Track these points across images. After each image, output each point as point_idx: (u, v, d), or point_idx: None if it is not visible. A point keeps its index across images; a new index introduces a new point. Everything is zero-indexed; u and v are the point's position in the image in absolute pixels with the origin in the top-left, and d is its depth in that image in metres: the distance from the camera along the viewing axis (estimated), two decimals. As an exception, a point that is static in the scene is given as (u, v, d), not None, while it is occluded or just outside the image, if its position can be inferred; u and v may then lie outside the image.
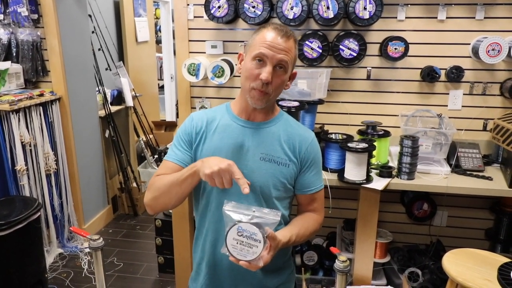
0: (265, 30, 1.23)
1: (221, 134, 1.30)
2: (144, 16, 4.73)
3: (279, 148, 1.29)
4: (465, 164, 2.08)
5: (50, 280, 2.73)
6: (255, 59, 1.21)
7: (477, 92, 2.29)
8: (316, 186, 1.36)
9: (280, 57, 1.20)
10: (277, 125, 1.33)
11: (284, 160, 1.29)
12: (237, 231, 1.05)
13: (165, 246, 2.80)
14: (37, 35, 2.83)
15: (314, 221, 1.35)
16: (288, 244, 1.21)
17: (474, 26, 2.20)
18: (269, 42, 1.19)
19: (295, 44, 1.25)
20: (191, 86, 2.52)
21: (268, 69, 1.19)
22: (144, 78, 4.78)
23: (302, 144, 1.32)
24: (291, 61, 1.24)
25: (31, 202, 2.51)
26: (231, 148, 1.28)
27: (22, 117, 2.67)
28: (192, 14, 2.41)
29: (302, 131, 1.36)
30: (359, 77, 2.36)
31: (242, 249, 1.06)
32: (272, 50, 1.19)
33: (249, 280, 1.33)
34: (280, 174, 1.28)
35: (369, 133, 2.10)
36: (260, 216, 1.07)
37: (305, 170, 1.33)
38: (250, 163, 1.27)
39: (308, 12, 2.17)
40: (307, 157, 1.32)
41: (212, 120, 1.33)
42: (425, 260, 2.28)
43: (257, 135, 1.29)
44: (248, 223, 1.05)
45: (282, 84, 1.25)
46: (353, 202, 2.36)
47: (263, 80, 1.19)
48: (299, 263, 2.38)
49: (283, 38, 1.20)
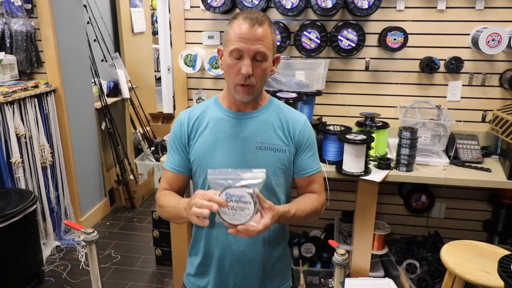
0: (236, 21, 1.19)
1: (214, 129, 1.29)
2: (140, 6, 4.67)
3: (274, 134, 1.29)
4: (464, 156, 2.07)
5: (47, 272, 2.72)
6: (231, 54, 1.19)
7: (476, 83, 2.27)
8: (313, 168, 1.35)
9: (256, 47, 1.17)
10: (268, 112, 1.32)
11: (280, 146, 1.28)
12: (225, 197, 1.04)
13: (162, 239, 2.79)
14: (31, 26, 2.79)
15: (314, 200, 1.34)
16: (288, 215, 1.21)
17: (474, 16, 2.18)
18: (242, 34, 1.16)
19: (270, 28, 1.21)
20: (187, 77, 2.50)
21: (247, 62, 1.17)
22: (140, 69, 4.74)
23: (295, 127, 1.31)
24: (269, 47, 1.20)
25: (26, 195, 2.50)
26: (226, 141, 1.27)
27: (17, 109, 2.64)
28: (189, 4, 2.37)
29: (294, 115, 1.35)
30: (357, 68, 2.33)
31: (235, 213, 1.05)
32: (246, 43, 1.16)
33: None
34: (277, 161, 1.28)
35: (367, 125, 2.08)
36: (246, 178, 1.06)
37: (301, 152, 1.33)
38: (247, 154, 1.26)
39: (306, 2, 2.14)
40: (302, 140, 1.32)
41: (202, 116, 1.32)
42: (423, 252, 2.28)
43: (250, 125, 1.29)
44: (235, 187, 1.04)
45: (264, 72, 1.23)
46: (351, 194, 2.35)
47: (244, 74, 1.18)
48: (297, 255, 2.37)
49: (255, 27, 1.16)
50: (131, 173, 3.81)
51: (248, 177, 1.06)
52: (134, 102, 4.07)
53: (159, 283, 2.71)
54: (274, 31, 1.24)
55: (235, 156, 1.26)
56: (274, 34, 1.23)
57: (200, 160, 1.29)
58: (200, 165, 1.29)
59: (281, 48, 2.26)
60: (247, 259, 1.32)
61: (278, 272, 1.41)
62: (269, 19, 1.23)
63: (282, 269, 1.43)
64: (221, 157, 1.27)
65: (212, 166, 1.24)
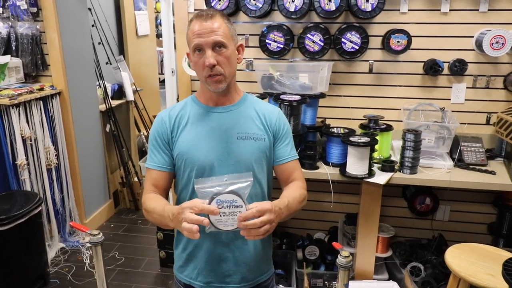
0: (192, 23, 1.28)
1: (195, 124, 1.35)
2: (144, 9, 4.70)
3: (253, 125, 1.36)
4: (468, 158, 2.06)
5: (52, 274, 2.74)
6: (194, 51, 1.27)
7: (480, 86, 2.27)
8: (291, 155, 1.42)
9: (212, 39, 1.24)
10: (245, 105, 1.39)
11: (259, 135, 1.35)
12: (216, 204, 1.05)
13: (166, 241, 2.80)
14: (37, 29, 2.81)
15: (299, 187, 1.40)
16: (288, 207, 1.25)
17: (478, 18, 2.18)
18: (197, 31, 1.25)
19: (223, 19, 1.28)
20: (191, 80, 2.51)
21: (208, 54, 1.24)
22: (144, 72, 4.76)
23: (272, 117, 1.39)
24: (226, 36, 1.27)
25: (32, 197, 2.51)
26: (208, 134, 1.33)
27: (22, 112, 2.66)
28: (193, 7, 2.39)
29: (268, 107, 1.43)
30: (361, 70, 2.33)
31: (227, 219, 1.06)
32: (203, 37, 1.24)
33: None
34: (258, 148, 1.34)
35: (371, 127, 2.08)
36: (233, 182, 1.07)
37: (278, 141, 1.40)
38: (229, 144, 1.32)
39: (310, 5, 2.15)
40: (278, 128, 1.39)
41: (181, 114, 1.38)
42: (427, 255, 2.27)
43: (229, 117, 1.35)
44: (225, 193, 1.05)
45: (229, 59, 1.28)
46: (355, 197, 2.35)
47: (208, 65, 1.24)
48: (301, 258, 2.37)
49: (207, 21, 1.25)
50: (135, 175, 3.83)
51: (235, 181, 1.07)
52: (138, 104, 4.09)
53: (163, 285, 2.71)
54: (228, 21, 1.30)
55: (218, 147, 1.31)
56: (229, 24, 1.30)
57: (184, 154, 1.33)
58: (186, 158, 1.33)
59: (285, 51, 2.26)
60: (236, 246, 1.36)
61: (266, 258, 1.46)
62: (221, 13, 1.31)
63: (267, 256, 1.48)
64: (205, 149, 1.32)
65: (197, 158, 1.30)
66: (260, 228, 1.07)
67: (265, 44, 2.26)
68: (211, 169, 1.30)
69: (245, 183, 1.08)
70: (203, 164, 1.30)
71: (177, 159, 1.35)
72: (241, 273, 1.38)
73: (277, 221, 1.14)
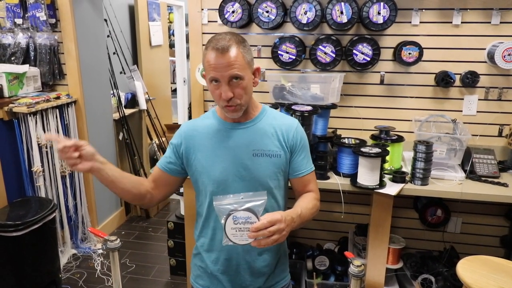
0: (207, 52, 1.27)
1: (213, 140, 1.39)
2: (158, 20, 4.79)
3: (269, 141, 1.37)
4: (480, 170, 2.06)
5: (63, 280, 2.77)
6: (211, 81, 1.28)
7: (492, 98, 2.27)
8: (307, 168, 1.44)
9: (228, 73, 1.24)
10: (262, 121, 1.41)
11: (275, 152, 1.37)
12: (233, 220, 1.13)
13: (177, 249, 2.82)
14: (55, 39, 2.89)
15: (312, 197, 1.43)
16: (301, 216, 1.28)
17: (490, 31, 2.18)
18: (213, 64, 1.24)
19: (239, 48, 1.26)
20: (204, 89, 2.55)
21: (225, 88, 1.26)
22: (157, 81, 4.83)
23: (289, 132, 1.40)
24: (243, 66, 1.26)
25: (46, 203, 2.56)
26: (225, 150, 1.36)
27: (39, 119, 2.72)
28: (206, 19, 2.43)
29: (286, 120, 1.44)
30: (372, 81, 2.35)
31: (242, 234, 1.13)
32: (220, 71, 1.24)
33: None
34: (273, 165, 1.37)
35: (382, 138, 2.09)
36: (248, 200, 1.15)
37: (295, 155, 1.41)
38: (245, 161, 1.35)
39: (322, 17, 2.18)
40: (295, 143, 1.40)
41: (202, 128, 1.42)
42: (439, 267, 2.25)
43: (246, 134, 1.38)
44: (241, 210, 1.12)
45: (245, 89, 1.30)
46: (366, 207, 2.35)
47: (225, 98, 1.27)
48: (311, 268, 2.37)
49: (223, 54, 1.23)
50: (146, 183, 3.86)
51: (251, 199, 1.15)
52: (150, 113, 4.14)
53: (173, 293, 2.73)
54: (245, 49, 1.28)
55: (234, 163, 1.34)
56: (245, 51, 1.28)
57: (201, 169, 1.37)
58: (202, 173, 1.37)
59: (297, 62, 2.29)
60: (252, 258, 1.40)
61: (282, 266, 1.51)
62: (237, 39, 1.27)
63: (283, 264, 1.54)
64: (221, 165, 1.35)
65: (213, 174, 1.35)
66: (269, 238, 1.12)
67: (277, 55, 2.29)
68: (226, 185, 1.34)
69: (260, 201, 1.15)
70: (219, 179, 1.34)
71: (194, 174, 1.40)
72: (258, 283, 1.41)
73: (288, 229, 1.18)
